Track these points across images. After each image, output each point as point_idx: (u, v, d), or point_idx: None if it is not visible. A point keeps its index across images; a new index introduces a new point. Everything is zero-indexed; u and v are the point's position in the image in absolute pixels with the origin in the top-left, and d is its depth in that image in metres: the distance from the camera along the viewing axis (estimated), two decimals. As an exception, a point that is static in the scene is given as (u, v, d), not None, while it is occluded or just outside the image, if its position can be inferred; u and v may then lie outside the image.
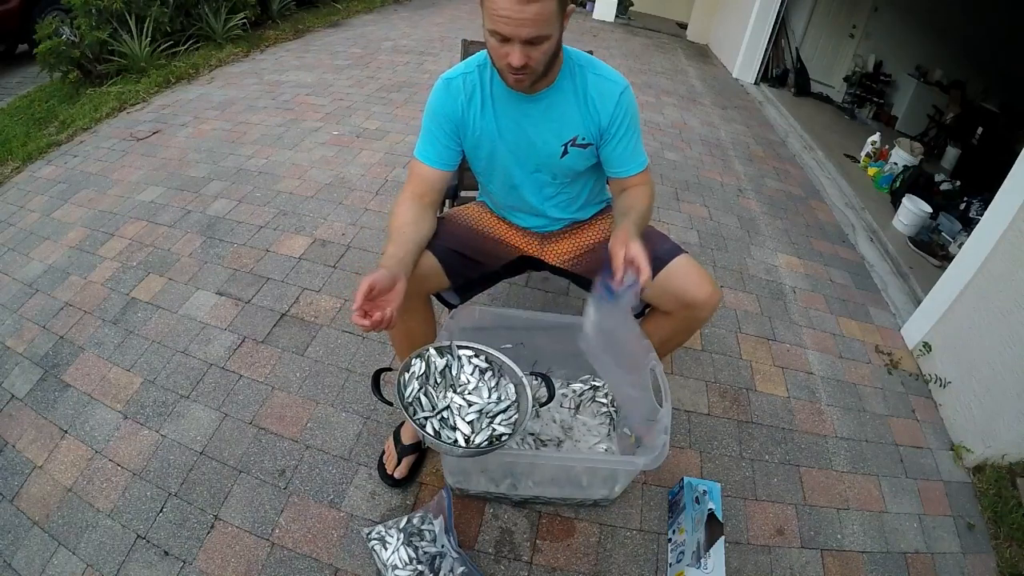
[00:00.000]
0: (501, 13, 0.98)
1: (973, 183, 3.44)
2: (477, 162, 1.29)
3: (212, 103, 3.52)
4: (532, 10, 0.97)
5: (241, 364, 1.68)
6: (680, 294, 1.18)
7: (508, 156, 1.24)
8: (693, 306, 1.18)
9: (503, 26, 0.99)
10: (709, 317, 1.23)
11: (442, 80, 1.20)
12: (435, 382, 1.12)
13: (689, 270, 1.19)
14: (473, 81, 1.18)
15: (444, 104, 1.19)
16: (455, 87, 1.19)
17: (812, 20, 5.92)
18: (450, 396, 1.10)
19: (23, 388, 1.61)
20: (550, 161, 1.23)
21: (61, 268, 2.06)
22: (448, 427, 1.07)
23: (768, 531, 1.42)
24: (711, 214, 2.83)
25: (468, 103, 1.19)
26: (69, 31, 3.87)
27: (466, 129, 1.21)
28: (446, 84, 1.20)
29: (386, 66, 4.47)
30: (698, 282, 1.17)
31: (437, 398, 1.10)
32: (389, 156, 2.97)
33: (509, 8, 0.97)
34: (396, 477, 1.37)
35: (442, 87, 1.20)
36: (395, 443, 1.41)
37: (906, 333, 2.18)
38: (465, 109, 1.19)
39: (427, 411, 1.07)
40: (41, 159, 2.93)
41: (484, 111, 1.19)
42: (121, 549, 1.24)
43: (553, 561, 1.28)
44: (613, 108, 1.17)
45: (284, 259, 2.12)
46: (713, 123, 4.23)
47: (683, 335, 1.33)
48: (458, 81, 1.19)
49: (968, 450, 1.70)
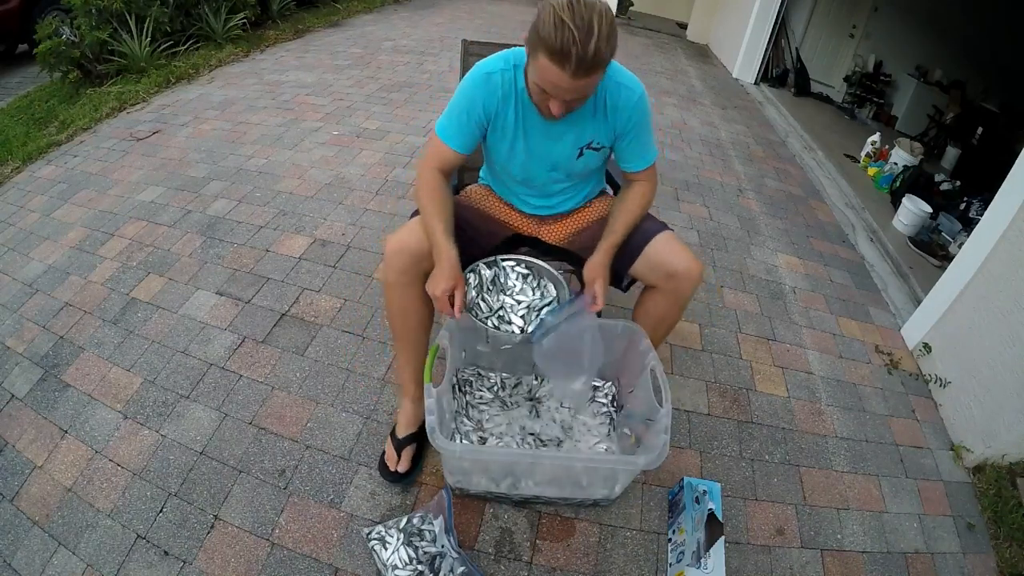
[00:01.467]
0: (551, 80, 1.02)
1: (973, 183, 3.44)
2: (497, 152, 1.32)
3: (212, 103, 3.52)
4: (583, 83, 1.02)
5: (241, 364, 1.68)
6: (663, 265, 1.26)
7: (527, 153, 1.29)
8: (676, 276, 1.25)
9: (550, 88, 1.05)
10: (693, 291, 1.28)
11: (483, 73, 1.22)
12: (488, 289, 1.31)
13: (671, 244, 1.28)
14: (509, 79, 1.20)
15: (484, 97, 1.21)
16: (495, 82, 1.20)
17: (812, 20, 5.91)
18: (502, 298, 1.30)
19: (23, 388, 1.61)
20: (566, 162, 1.30)
21: (61, 268, 2.06)
22: (505, 323, 1.27)
23: (768, 531, 1.42)
24: (711, 214, 2.83)
25: (503, 101, 1.22)
26: (69, 31, 3.86)
27: (495, 123, 1.25)
28: (487, 78, 1.21)
29: (386, 66, 4.47)
30: (679, 253, 1.26)
31: (492, 301, 1.29)
32: (389, 156, 2.97)
33: (561, 80, 1.01)
34: (400, 471, 1.38)
35: (483, 80, 1.21)
36: (392, 439, 1.42)
37: (906, 333, 2.18)
38: (500, 105, 1.22)
39: (486, 312, 1.27)
40: (41, 159, 2.93)
41: (515, 111, 1.23)
42: (121, 549, 1.24)
43: (553, 561, 1.28)
44: (629, 113, 1.23)
45: (284, 259, 2.12)
46: (713, 123, 4.23)
47: (673, 311, 1.35)
48: (498, 77, 1.20)
49: (968, 450, 1.70)
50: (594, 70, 1.01)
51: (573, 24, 0.95)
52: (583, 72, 1.00)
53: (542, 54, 1.00)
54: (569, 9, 0.96)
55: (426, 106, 3.69)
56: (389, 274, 1.25)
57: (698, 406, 1.72)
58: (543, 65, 1.01)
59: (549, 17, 0.98)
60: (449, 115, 1.26)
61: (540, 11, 1.01)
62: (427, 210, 1.22)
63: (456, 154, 1.27)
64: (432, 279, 1.18)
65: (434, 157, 1.27)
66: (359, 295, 1.97)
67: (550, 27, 0.97)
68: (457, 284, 1.17)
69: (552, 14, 0.97)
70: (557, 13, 0.97)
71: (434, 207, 1.21)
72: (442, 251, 1.17)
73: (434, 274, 1.18)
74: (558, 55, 0.98)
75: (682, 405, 1.71)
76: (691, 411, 1.70)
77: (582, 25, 0.95)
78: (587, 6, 0.97)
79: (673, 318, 1.38)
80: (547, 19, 0.98)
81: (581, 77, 1.00)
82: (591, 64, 0.99)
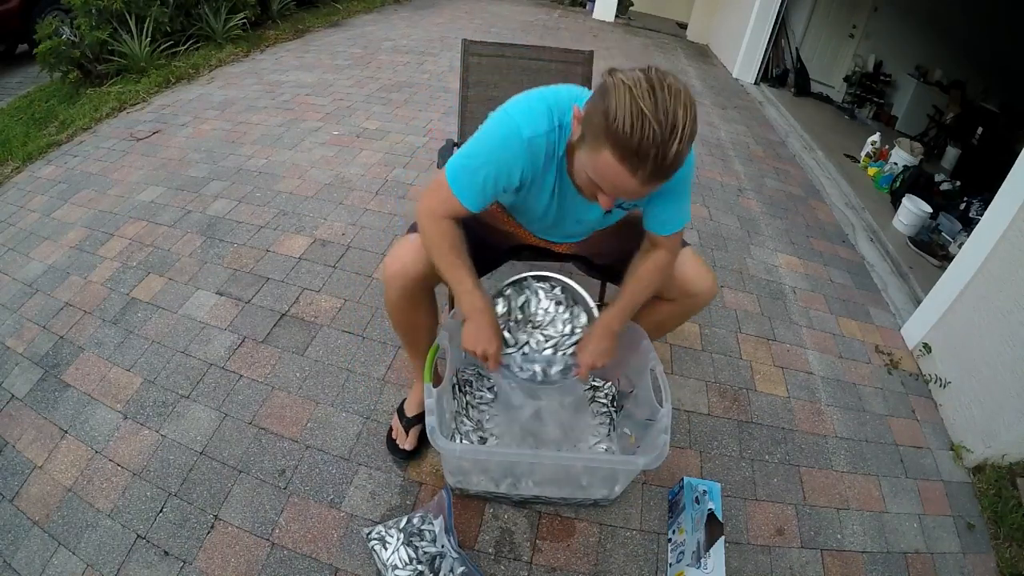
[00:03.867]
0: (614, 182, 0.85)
1: (973, 183, 3.44)
2: (525, 205, 1.18)
3: (212, 103, 3.52)
4: (652, 188, 0.86)
5: (241, 364, 1.68)
6: (684, 284, 1.23)
7: (559, 214, 1.18)
8: (695, 295, 1.24)
9: (608, 188, 0.89)
10: (705, 307, 1.28)
11: (525, 138, 1.00)
12: (516, 318, 1.24)
13: (691, 262, 1.23)
14: (553, 142, 1.02)
15: (523, 166, 1.02)
16: (537, 147, 1.01)
17: (812, 20, 5.91)
18: (529, 332, 1.24)
19: (23, 388, 1.61)
20: (596, 222, 1.23)
21: (61, 268, 2.06)
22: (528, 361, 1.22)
23: (768, 531, 1.42)
24: (711, 214, 2.83)
25: (545, 167, 1.05)
26: (69, 31, 3.87)
27: (530, 187, 1.09)
28: (528, 145, 1.00)
29: (386, 66, 4.47)
30: (700, 273, 1.23)
31: (518, 335, 1.23)
32: (389, 156, 2.97)
33: (627, 184, 0.84)
34: (407, 449, 1.41)
35: (522, 147, 1.00)
36: (400, 418, 1.45)
37: (906, 333, 2.18)
38: (540, 172, 1.05)
39: (512, 348, 1.21)
40: (41, 159, 2.93)
41: (555, 176, 1.08)
42: (121, 549, 1.24)
43: (553, 561, 1.28)
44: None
45: (284, 259, 2.12)
46: (713, 123, 4.23)
47: (679, 320, 1.36)
48: (542, 140, 1.01)
49: (968, 450, 1.70)
50: (671, 175, 0.83)
51: (655, 120, 0.76)
52: (659, 178, 0.82)
53: (608, 150, 0.81)
54: (651, 99, 0.76)
55: (426, 106, 3.69)
56: (391, 296, 1.18)
57: (698, 406, 1.72)
58: (606, 163, 0.82)
59: (626, 105, 0.77)
60: (470, 170, 1.04)
61: (609, 89, 0.80)
62: (451, 261, 1.08)
63: (467, 211, 1.08)
64: (469, 336, 1.11)
65: (443, 206, 1.07)
66: (359, 295, 1.97)
67: (626, 120, 0.77)
68: (498, 345, 1.13)
69: (630, 103, 0.76)
70: (636, 102, 0.76)
71: (459, 259, 1.08)
72: (478, 307, 1.09)
73: (471, 331, 1.11)
74: (632, 158, 0.79)
75: (682, 405, 1.70)
76: (691, 411, 1.70)
77: (665, 121, 0.76)
78: (672, 92, 0.77)
79: (676, 325, 1.38)
80: (623, 107, 0.77)
81: (655, 182, 0.83)
82: (669, 170, 0.81)
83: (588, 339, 1.20)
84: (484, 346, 1.11)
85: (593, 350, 1.18)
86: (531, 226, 1.32)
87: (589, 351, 1.18)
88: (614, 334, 1.19)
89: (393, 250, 1.18)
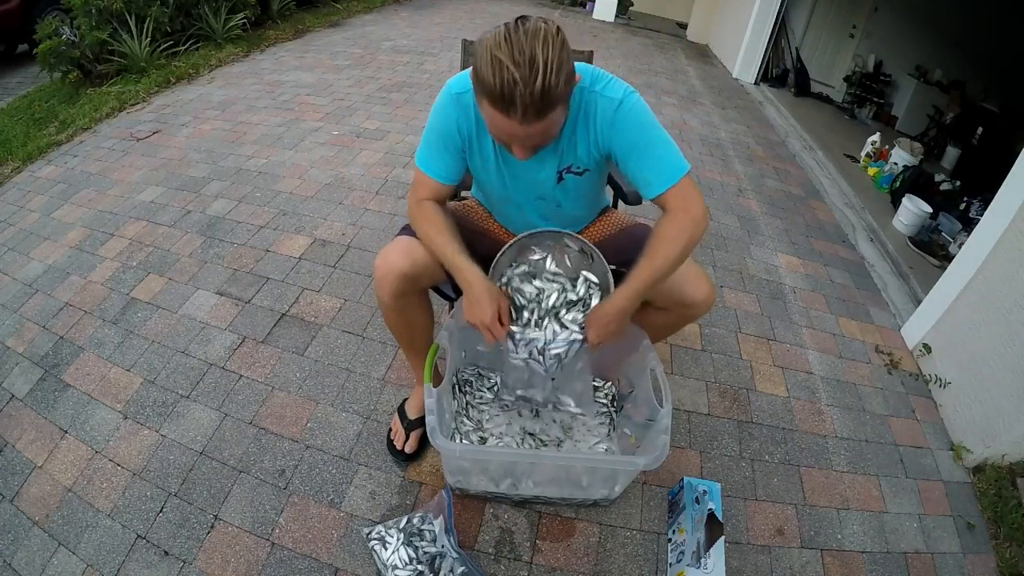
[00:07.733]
0: (502, 128, 0.88)
1: (973, 183, 3.44)
2: (485, 182, 1.22)
3: (212, 103, 3.52)
4: (540, 126, 0.87)
5: (241, 364, 1.68)
6: (678, 294, 1.17)
7: (512, 181, 1.17)
8: (691, 306, 1.19)
9: (504, 137, 0.92)
10: (701, 316, 1.24)
11: (451, 94, 1.06)
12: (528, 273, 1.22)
13: (689, 271, 1.16)
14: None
15: (457, 119, 1.06)
16: (466, 103, 1.04)
17: (812, 20, 5.91)
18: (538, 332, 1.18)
19: (23, 388, 1.61)
20: (551, 191, 1.17)
21: (61, 268, 2.06)
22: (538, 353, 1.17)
23: (768, 531, 1.42)
24: (711, 214, 2.83)
25: (479, 123, 1.05)
26: (69, 31, 3.87)
27: (472, 147, 1.11)
28: (456, 99, 1.05)
29: (386, 66, 4.47)
30: (696, 283, 1.16)
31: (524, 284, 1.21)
32: (389, 156, 2.97)
33: (512, 128, 0.87)
34: (407, 452, 1.40)
35: (451, 102, 1.06)
36: (401, 419, 1.44)
37: (906, 333, 2.18)
38: (476, 128, 1.07)
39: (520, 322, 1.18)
40: (41, 159, 2.93)
41: (487, 137, 1.08)
42: (121, 549, 1.24)
43: (553, 561, 1.28)
44: (610, 128, 1.03)
45: (284, 259, 2.12)
46: (713, 123, 4.23)
47: (673, 329, 1.34)
48: (468, 98, 1.03)
49: (968, 450, 1.70)
50: (548, 110, 0.85)
51: (512, 62, 0.80)
52: (535, 115, 0.85)
53: (485, 101, 0.86)
54: (506, 43, 0.80)
55: (426, 106, 3.67)
56: (383, 296, 1.16)
57: (698, 406, 1.72)
58: (489, 113, 0.87)
59: (484, 56, 0.82)
60: (426, 143, 1.12)
61: (475, 48, 0.86)
62: (434, 240, 1.10)
63: (442, 185, 1.13)
64: (469, 308, 1.08)
65: (421, 189, 1.14)
66: (359, 295, 1.97)
67: (486, 70, 0.82)
68: (500, 304, 1.08)
69: (486, 53, 0.81)
70: (491, 51, 0.81)
71: (440, 234, 1.09)
72: (467, 275, 1.06)
73: (469, 303, 1.08)
74: (501, 102, 0.83)
75: (682, 405, 1.70)
76: (691, 411, 1.70)
77: (523, 60, 0.80)
78: (527, 34, 0.81)
79: (670, 332, 1.37)
80: (483, 59, 0.82)
81: (534, 121, 0.85)
82: (542, 105, 0.84)
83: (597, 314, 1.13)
84: (480, 317, 1.06)
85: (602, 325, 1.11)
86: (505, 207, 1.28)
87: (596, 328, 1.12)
88: (624, 312, 1.10)
89: (382, 252, 1.16)
